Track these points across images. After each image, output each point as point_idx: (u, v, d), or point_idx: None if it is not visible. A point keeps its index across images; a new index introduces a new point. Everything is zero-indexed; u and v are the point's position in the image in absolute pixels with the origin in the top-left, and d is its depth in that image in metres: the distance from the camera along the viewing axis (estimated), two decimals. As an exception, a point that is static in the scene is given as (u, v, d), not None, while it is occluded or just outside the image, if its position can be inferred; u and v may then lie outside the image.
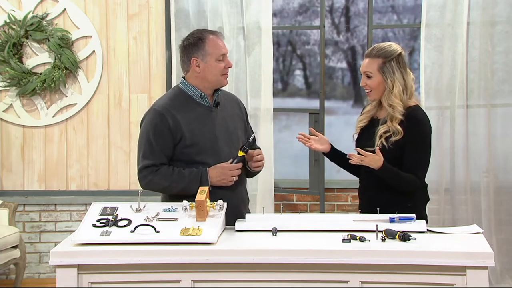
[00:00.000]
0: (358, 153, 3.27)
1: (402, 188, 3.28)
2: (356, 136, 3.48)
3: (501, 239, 5.10)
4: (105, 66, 5.42)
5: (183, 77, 3.35)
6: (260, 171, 3.43)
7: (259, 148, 3.45)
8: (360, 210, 3.33)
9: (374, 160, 3.19)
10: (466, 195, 5.12)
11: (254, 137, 3.31)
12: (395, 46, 3.34)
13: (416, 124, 3.28)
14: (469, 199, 5.12)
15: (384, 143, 3.26)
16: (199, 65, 3.26)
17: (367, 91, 3.36)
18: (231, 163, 3.22)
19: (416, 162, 3.27)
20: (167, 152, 3.23)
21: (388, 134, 3.27)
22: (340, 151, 3.52)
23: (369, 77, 3.32)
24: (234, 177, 3.22)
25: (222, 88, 3.37)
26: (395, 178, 3.25)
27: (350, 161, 3.24)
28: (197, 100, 3.29)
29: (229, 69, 3.31)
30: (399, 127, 3.25)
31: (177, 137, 3.22)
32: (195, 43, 3.26)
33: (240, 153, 3.22)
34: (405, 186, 3.28)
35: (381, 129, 3.29)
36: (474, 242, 2.88)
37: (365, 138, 3.38)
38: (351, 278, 2.75)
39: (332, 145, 3.49)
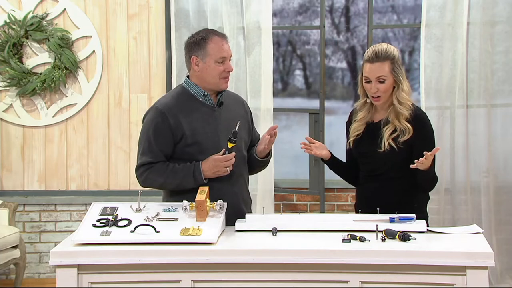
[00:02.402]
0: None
1: (432, 187, 3.34)
2: (351, 144, 3.42)
3: (501, 239, 5.10)
4: (105, 66, 5.42)
5: (187, 76, 3.35)
6: (264, 160, 3.40)
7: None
8: (360, 210, 3.32)
9: (429, 161, 3.18)
10: (466, 195, 5.12)
11: (239, 125, 3.22)
12: (392, 47, 3.34)
13: (423, 123, 3.31)
14: (469, 199, 5.12)
15: (392, 144, 3.26)
16: (198, 64, 3.25)
17: (377, 96, 3.29)
18: (223, 154, 3.19)
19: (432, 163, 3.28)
20: (166, 151, 3.23)
21: (395, 134, 3.27)
22: (338, 158, 3.52)
23: (381, 81, 3.26)
24: (228, 168, 3.18)
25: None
26: (431, 176, 3.28)
27: (415, 166, 3.15)
28: (200, 100, 3.29)
29: (229, 73, 3.28)
30: (408, 125, 3.25)
31: (178, 136, 3.21)
32: (198, 42, 3.26)
33: (230, 145, 3.18)
34: (434, 185, 3.34)
35: (388, 130, 3.28)
36: (474, 242, 2.88)
37: (366, 144, 3.35)
38: (351, 278, 2.75)
39: (331, 153, 3.49)
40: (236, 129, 3.18)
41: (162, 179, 3.21)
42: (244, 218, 3.13)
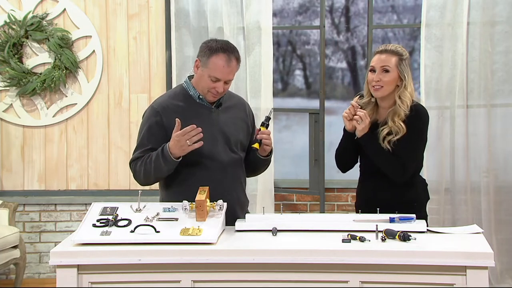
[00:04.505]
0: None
1: (382, 167, 3.29)
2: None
3: (501, 239, 5.11)
4: (105, 66, 5.42)
5: (188, 76, 3.36)
6: (267, 159, 3.39)
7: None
8: (360, 210, 3.32)
9: (363, 127, 3.27)
10: (466, 195, 5.12)
11: (272, 111, 3.39)
12: (404, 49, 3.38)
13: (418, 118, 3.29)
14: (469, 199, 5.12)
15: (388, 146, 3.27)
16: (198, 68, 3.26)
17: (378, 86, 3.29)
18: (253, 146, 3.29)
19: (408, 151, 3.26)
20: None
21: (391, 136, 3.27)
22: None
23: (386, 71, 3.29)
24: (191, 139, 3.08)
25: (228, 89, 3.36)
26: (377, 150, 3.27)
27: (344, 114, 3.34)
28: (197, 100, 3.30)
29: (219, 93, 3.22)
30: (402, 124, 3.25)
31: (171, 135, 3.21)
32: (207, 49, 3.23)
33: (262, 129, 3.26)
34: (385, 167, 3.28)
35: (384, 131, 3.29)
36: (474, 242, 2.88)
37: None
38: (351, 278, 2.75)
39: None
40: (269, 115, 3.30)
41: (142, 167, 3.22)
42: (240, 219, 3.13)
